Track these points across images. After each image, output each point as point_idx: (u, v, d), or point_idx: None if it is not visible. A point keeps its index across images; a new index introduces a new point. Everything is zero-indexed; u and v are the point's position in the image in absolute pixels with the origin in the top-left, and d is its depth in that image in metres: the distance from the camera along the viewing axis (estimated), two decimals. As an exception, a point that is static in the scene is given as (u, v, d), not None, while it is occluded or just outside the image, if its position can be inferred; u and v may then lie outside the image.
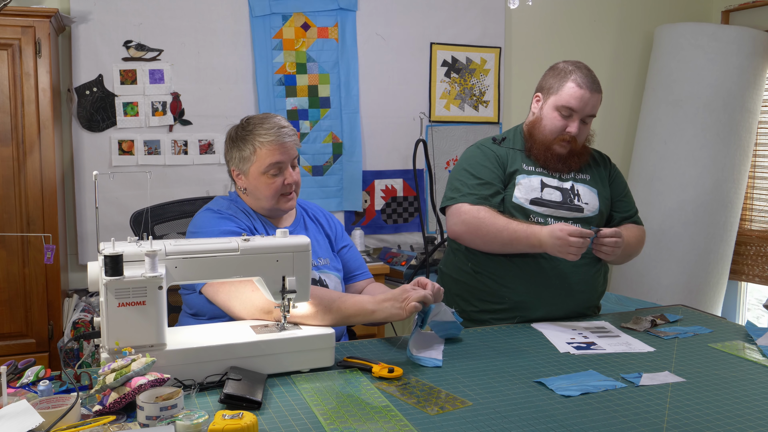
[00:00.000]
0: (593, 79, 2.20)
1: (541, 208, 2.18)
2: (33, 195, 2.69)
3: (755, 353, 1.82)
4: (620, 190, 2.35)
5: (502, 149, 2.27)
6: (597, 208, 2.24)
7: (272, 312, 1.74)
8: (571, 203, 2.21)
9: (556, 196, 2.21)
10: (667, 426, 1.36)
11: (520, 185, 2.20)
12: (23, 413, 1.25)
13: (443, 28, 3.69)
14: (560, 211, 2.19)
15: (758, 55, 3.74)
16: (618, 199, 2.34)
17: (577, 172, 2.28)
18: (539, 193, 2.20)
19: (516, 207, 2.18)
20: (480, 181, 2.19)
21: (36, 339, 2.74)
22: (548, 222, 2.16)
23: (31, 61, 2.66)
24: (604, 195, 2.29)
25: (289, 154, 1.96)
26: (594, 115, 2.21)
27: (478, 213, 2.13)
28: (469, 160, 2.26)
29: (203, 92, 3.27)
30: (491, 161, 2.23)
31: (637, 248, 2.29)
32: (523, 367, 1.69)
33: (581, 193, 2.24)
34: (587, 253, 2.09)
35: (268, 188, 1.96)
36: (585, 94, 2.17)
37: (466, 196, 2.17)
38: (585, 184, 2.27)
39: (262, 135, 1.94)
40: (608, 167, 2.38)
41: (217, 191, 3.26)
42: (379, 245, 3.66)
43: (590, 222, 2.21)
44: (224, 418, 1.26)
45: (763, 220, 4.02)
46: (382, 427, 1.34)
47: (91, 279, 1.54)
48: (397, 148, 3.65)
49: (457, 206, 2.18)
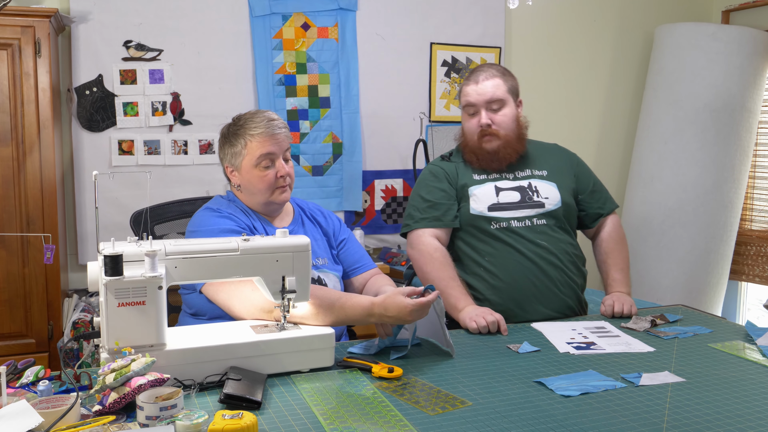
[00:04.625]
0: (486, 70, 2.29)
1: (501, 212, 2.23)
2: (33, 195, 2.69)
3: (755, 353, 1.82)
4: (588, 184, 2.39)
5: (451, 164, 2.35)
6: (559, 200, 2.28)
7: (272, 311, 1.74)
8: (530, 200, 2.26)
9: (514, 197, 2.26)
10: (667, 426, 1.36)
11: (475, 196, 2.26)
12: (23, 413, 1.25)
13: (443, 28, 3.69)
14: (521, 211, 2.24)
15: (758, 55, 3.74)
16: (588, 193, 2.38)
17: (533, 168, 2.33)
18: (495, 199, 2.25)
19: (476, 218, 2.24)
20: (430, 203, 2.27)
21: (36, 339, 2.74)
22: (511, 225, 2.22)
23: (30, 61, 2.66)
24: (566, 186, 2.32)
25: (280, 146, 1.97)
26: (499, 99, 2.26)
27: (433, 252, 2.19)
28: (420, 184, 2.35)
29: (203, 92, 3.27)
30: (440, 179, 2.31)
31: (625, 249, 2.36)
32: (523, 367, 1.69)
33: (539, 189, 2.28)
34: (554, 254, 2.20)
35: (261, 181, 1.97)
36: (475, 86, 2.27)
37: (419, 222, 2.27)
38: (542, 180, 2.31)
39: (251, 128, 1.96)
40: (570, 160, 2.41)
41: (217, 191, 3.26)
42: (379, 245, 3.66)
43: (555, 216, 2.26)
44: (224, 418, 1.26)
45: (763, 220, 4.02)
46: (382, 427, 1.34)
47: (91, 279, 1.54)
48: (397, 148, 3.65)
49: (415, 234, 2.26)
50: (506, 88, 2.27)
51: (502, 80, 2.27)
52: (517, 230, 2.22)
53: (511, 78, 2.31)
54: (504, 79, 2.28)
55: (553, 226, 2.25)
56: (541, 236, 2.22)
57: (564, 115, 4.01)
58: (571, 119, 4.03)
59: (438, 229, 2.25)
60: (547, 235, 2.23)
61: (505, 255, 2.20)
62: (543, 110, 3.89)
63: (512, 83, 2.31)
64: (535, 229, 2.23)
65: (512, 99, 2.30)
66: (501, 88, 2.26)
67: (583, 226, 2.41)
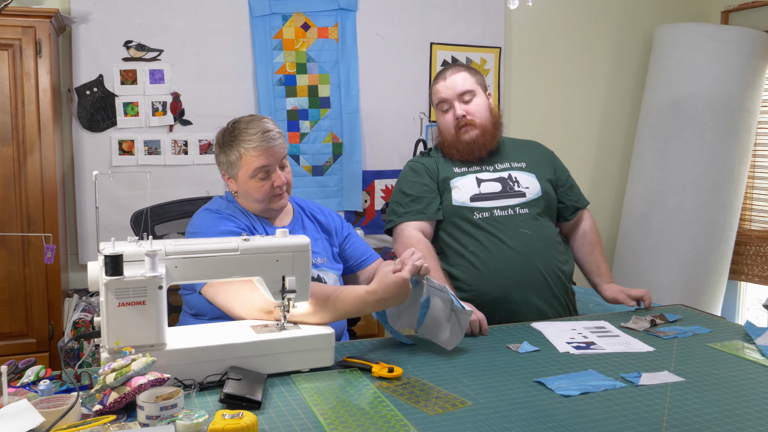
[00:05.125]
0: (451, 66, 2.38)
1: (483, 203, 2.27)
2: (33, 195, 2.70)
3: (754, 353, 1.82)
4: (565, 178, 2.48)
5: (431, 159, 2.39)
6: (539, 190, 2.34)
7: (272, 311, 1.74)
8: (511, 190, 2.30)
9: (495, 187, 2.30)
10: (667, 426, 1.36)
11: (456, 188, 2.29)
12: (24, 413, 1.26)
13: (443, 28, 3.69)
14: (503, 200, 2.28)
15: (758, 55, 3.74)
16: (567, 187, 2.46)
17: (512, 161, 2.39)
18: (477, 190, 2.29)
19: (458, 208, 2.27)
20: (412, 197, 2.30)
21: (36, 339, 2.74)
22: (494, 214, 2.26)
23: (31, 62, 2.67)
24: (545, 178, 2.38)
25: (275, 158, 1.96)
26: (469, 90, 2.33)
27: (416, 245, 2.22)
28: (401, 180, 2.39)
29: (203, 92, 3.27)
30: (421, 174, 2.35)
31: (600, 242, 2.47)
32: (522, 367, 1.70)
33: (519, 180, 2.34)
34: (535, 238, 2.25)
35: (257, 192, 1.97)
36: (444, 82, 2.35)
37: (402, 216, 2.30)
38: (522, 171, 2.37)
39: (246, 141, 1.94)
40: (549, 155, 2.50)
41: (217, 191, 3.26)
42: (379, 245, 3.67)
43: (536, 204, 2.30)
44: (224, 418, 1.26)
45: (762, 220, 4.02)
46: (382, 426, 1.34)
47: (91, 279, 1.55)
48: (397, 148, 3.65)
49: (399, 228, 2.30)
50: (474, 80, 2.36)
51: (469, 73, 2.36)
52: (500, 219, 2.25)
53: (477, 73, 2.40)
54: (470, 73, 2.37)
55: (535, 215, 2.29)
56: (524, 224, 2.25)
57: (564, 116, 4.01)
58: (571, 119, 4.03)
59: (421, 222, 2.28)
60: (530, 223, 2.27)
61: (488, 244, 2.22)
62: (543, 110, 3.89)
63: (479, 77, 2.39)
64: (518, 217, 2.26)
65: (482, 90, 2.38)
66: (469, 80, 2.34)
67: (562, 218, 2.47)
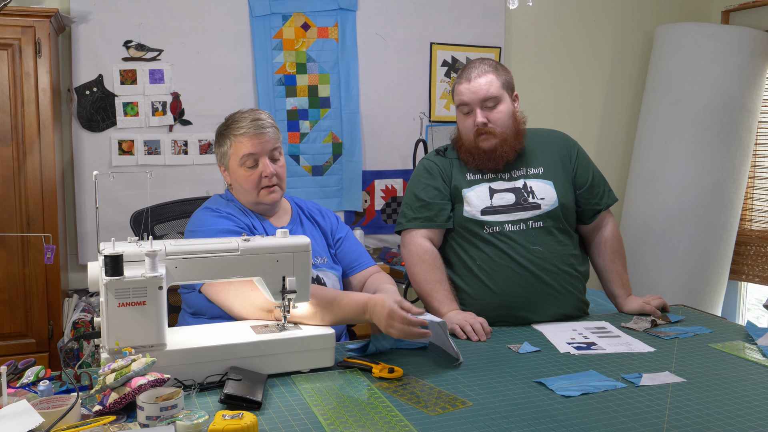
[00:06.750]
0: (477, 66, 2.21)
1: (495, 216, 2.17)
2: (33, 195, 2.69)
3: (755, 353, 1.82)
4: (586, 178, 2.30)
5: (446, 160, 2.28)
6: (555, 200, 2.20)
7: (272, 311, 1.74)
8: (525, 202, 2.18)
9: (508, 199, 2.19)
10: (668, 426, 1.36)
11: (468, 198, 2.19)
12: (23, 413, 1.25)
13: (443, 28, 3.69)
14: (515, 214, 2.17)
15: (758, 55, 3.74)
16: (586, 189, 2.29)
17: (528, 167, 2.25)
18: (489, 202, 2.18)
19: (468, 221, 2.18)
20: (423, 202, 2.22)
21: (36, 339, 2.73)
22: (504, 229, 2.16)
23: (31, 61, 2.66)
24: (563, 184, 2.24)
25: (263, 146, 1.97)
26: (493, 96, 2.17)
27: (423, 255, 2.17)
28: (414, 181, 2.30)
29: (203, 92, 3.27)
30: (434, 176, 2.25)
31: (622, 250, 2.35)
32: (523, 367, 1.69)
33: (535, 189, 2.21)
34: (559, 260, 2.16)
35: (246, 181, 1.98)
36: (468, 85, 2.18)
37: (412, 222, 2.23)
38: (538, 179, 2.23)
39: (237, 129, 1.98)
40: (570, 152, 2.32)
41: (217, 191, 3.23)
42: (379, 245, 3.66)
43: (552, 216, 2.18)
44: (224, 418, 1.26)
45: (763, 220, 4.02)
46: (382, 427, 1.34)
47: (91, 279, 1.54)
48: (397, 148, 3.65)
49: (408, 234, 2.23)
50: (500, 83, 2.18)
51: (495, 75, 2.18)
52: (511, 235, 2.15)
53: (504, 72, 2.22)
54: (497, 75, 2.19)
55: (550, 228, 2.18)
56: (537, 239, 2.16)
57: (564, 116, 4.01)
58: (571, 119, 4.03)
59: (430, 230, 2.21)
60: (543, 238, 2.17)
61: (496, 260, 2.14)
62: (543, 110, 3.88)
63: (506, 77, 2.22)
64: (530, 232, 2.16)
65: (507, 94, 2.21)
66: (494, 85, 2.17)
67: (580, 221, 2.32)
